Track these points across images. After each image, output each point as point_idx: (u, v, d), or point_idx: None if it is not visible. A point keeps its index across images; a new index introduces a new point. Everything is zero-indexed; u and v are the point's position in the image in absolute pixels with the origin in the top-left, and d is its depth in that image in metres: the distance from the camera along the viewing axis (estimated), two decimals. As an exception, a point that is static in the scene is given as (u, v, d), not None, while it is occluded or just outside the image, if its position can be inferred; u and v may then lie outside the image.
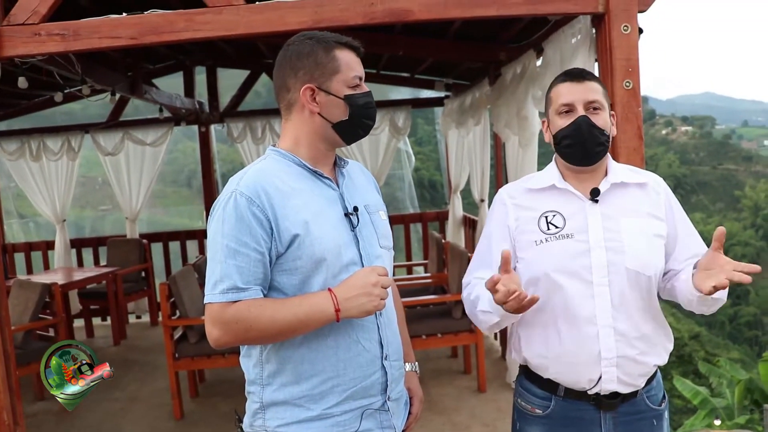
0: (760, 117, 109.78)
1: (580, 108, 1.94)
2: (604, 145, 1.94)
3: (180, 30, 3.02)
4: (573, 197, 1.97)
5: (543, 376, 2.01)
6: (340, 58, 1.74)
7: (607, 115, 1.96)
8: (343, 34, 1.80)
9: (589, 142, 1.93)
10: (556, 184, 1.99)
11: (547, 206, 1.98)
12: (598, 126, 1.93)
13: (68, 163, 7.64)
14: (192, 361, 4.84)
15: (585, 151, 1.94)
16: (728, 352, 29.19)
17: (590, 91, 1.94)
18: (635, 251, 1.91)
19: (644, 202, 1.98)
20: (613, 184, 1.97)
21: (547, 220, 1.96)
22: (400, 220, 8.02)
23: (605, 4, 2.99)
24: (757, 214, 51.64)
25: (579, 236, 1.92)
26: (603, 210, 1.94)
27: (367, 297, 1.64)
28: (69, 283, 6.31)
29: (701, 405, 10.08)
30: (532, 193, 2.02)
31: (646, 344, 1.94)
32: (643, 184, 2.00)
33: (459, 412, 4.65)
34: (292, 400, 1.72)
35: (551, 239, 1.94)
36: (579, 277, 1.91)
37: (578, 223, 1.94)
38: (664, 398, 2.06)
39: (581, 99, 1.94)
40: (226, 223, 1.65)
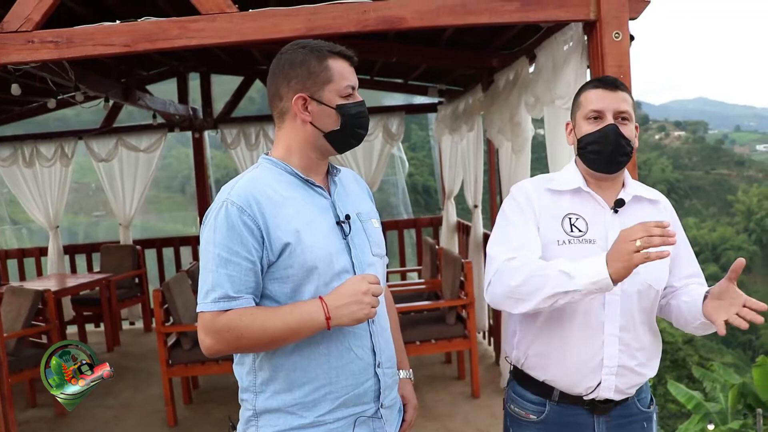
0: (752, 122, 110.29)
1: (610, 116, 1.94)
2: (629, 155, 1.96)
3: (173, 37, 3.03)
4: (595, 204, 1.98)
5: (539, 378, 2.01)
6: (332, 67, 1.74)
7: (633, 127, 1.98)
8: (337, 42, 1.81)
9: (615, 151, 1.93)
10: (582, 188, 1.98)
11: (570, 208, 1.97)
12: (625, 136, 1.94)
13: (61, 169, 7.62)
14: (186, 368, 4.83)
15: (610, 159, 1.94)
16: (722, 357, 29.29)
17: (621, 101, 1.95)
18: (650, 265, 1.87)
19: (655, 218, 1.96)
20: (636, 197, 2.00)
21: (570, 221, 1.95)
22: (394, 226, 8.03)
23: (597, 11, 3.01)
24: (750, 219, 51.86)
25: (600, 243, 1.92)
26: (622, 221, 1.94)
27: (357, 305, 1.65)
28: (62, 290, 6.29)
29: (695, 409, 10.12)
30: (553, 194, 2.00)
31: (645, 356, 1.97)
32: (655, 201, 2.03)
33: (453, 417, 4.65)
34: (285, 407, 1.72)
35: (574, 242, 1.93)
36: None
37: (599, 230, 1.94)
38: (652, 400, 2.09)
39: (612, 107, 1.94)
40: (217, 232, 1.65)
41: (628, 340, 1.93)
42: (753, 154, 72.74)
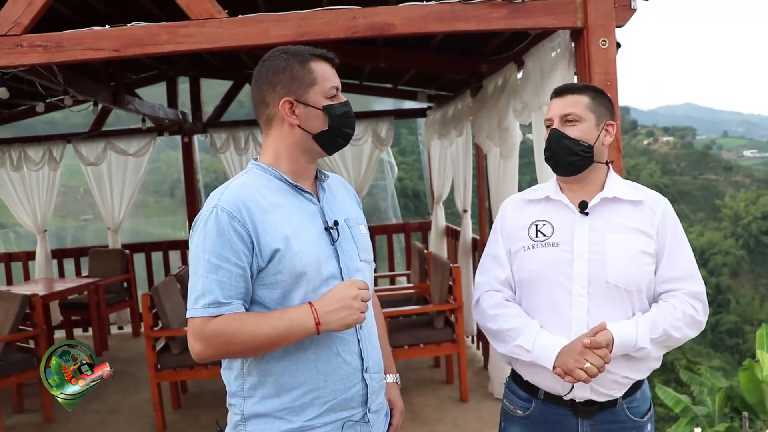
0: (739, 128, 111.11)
1: (557, 122, 2.02)
2: (579, 155, 1.98)
3: (163, 42, 3.04)
4: (565, 208, 2.03)
5: (524, 377, 2.07)
6: (315, 70, 1.76)
7: (590, 125, 2.00)
8: (326, 47, 1.83)
9: (559, 153, 2.00)
10: (551, 196, 2.06)
11: (539, 215, 2.06)
12: (570, 137, 1.98)
13: (49, 173, 7.59)
14: (174, 373, 4.82)
15: (557, 161, 2.02)
16: (710, 361, 29.41)
17: (567, 104, 2.01)
18: (617, 266, 1.94)
19: (635, 218, 2.00)
20: (605, 198, 2.01)
21: (536, 228, 2.04)
22: (383, 231, 8.04)
23: (584, 19, 3.04)
24: (737, 224, 52.20)
25: (565, 246, 1.98)
26: (592, 223, 1.99)
27: (347, 310, 1.66)
28: (50, 294, 6.26)
29: (683, 413, 10.15)
30: (529, 203, 2.11)
31: (623, 358, 1.95)
32: (638, 202, 2.02)
33: (442, 422, 4.66)
34: (273, 412, 1.73)
35: (537, 246, 2.01)
36: (559, 284, 1.97)
37: (566, 233, 2.00)
38: (648, 411, 2.08)
39: (558, 113, 2.02)
40: (207, 238, 1.66)
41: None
42: (740, 159, 73.23)
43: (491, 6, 3.04)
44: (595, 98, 2.03)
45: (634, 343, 1.90)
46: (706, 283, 1.96)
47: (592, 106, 2.01)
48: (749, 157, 76.84)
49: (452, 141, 6.53)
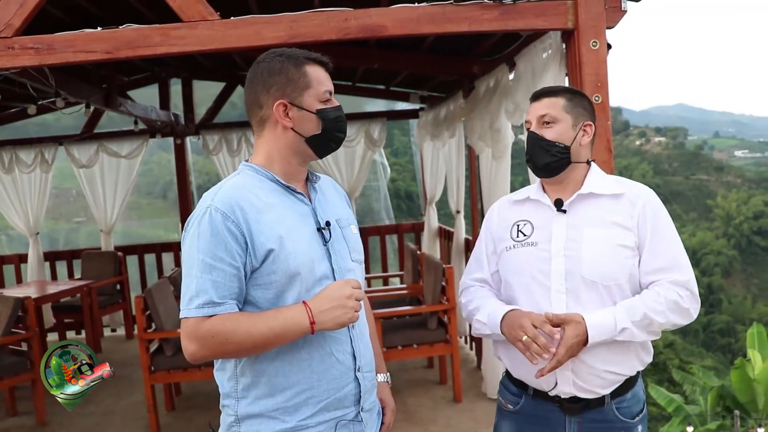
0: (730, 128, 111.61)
1: (534, 124, 2.07)
2: (556, 156, 2.02)
3: (155, 44, 3.04)
4: (545, 207, 2.07)
5: (513, 374, 2.11)
6: (310, 73, 1.77)
7: (566, 126, 2.03)
8: (318, 49, 1.85)
9: (536, 155, 2.05)
10: (531, 196, 2.11)
11: (521, 216, 2.11)
12: (546, 139, 2.02)
13: (41, 175, 7.57)
14: (168, 374, 4.81)
15: (535, 163, 2.07)
16: (702, 360, 29.53)
17: (543, 107, 2.05)
18: (593, 261, 1.96)
19: (613, 212, 2.01)
20: (581, 194, 2.03)
21: (518, 228, 2.09)
22: (376, 232, 8.05)
23: (574, 20, 3.06)
24: (729, 224, 52.41)
25: (543, 245, 2.02)
26: (569, 220, 2.02)
27: (341, 309, 1.68)
28: (42, 297, 6.24)
29: (675, 412, 10.19)
30: (514, 204, 2.17)
31: (609, 352, 1.96)
32: (617, 195, 2.03)
33: (435, 422, 4.68)
34: (267, 412, 1.74)
35: (518, 246, 2.06)
36: (539, 282, 2.00)
37: (545, 231, 2.04)
38: (640, 412, 2.07)
39: (534, 116, 2.07)
40: (201, 238, 1.67)
41: None
42: (732, 159, 73.55)
43: (483, 7, 3.06)
44: (572, 100, 2.06)
45: (614, 325, 1.90)
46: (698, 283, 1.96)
47: (569, 107, 2.04)
48: (740, 157, 77.20)
49: (445, 142, 6.55)
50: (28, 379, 5.05)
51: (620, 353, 1.98)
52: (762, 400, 9.46)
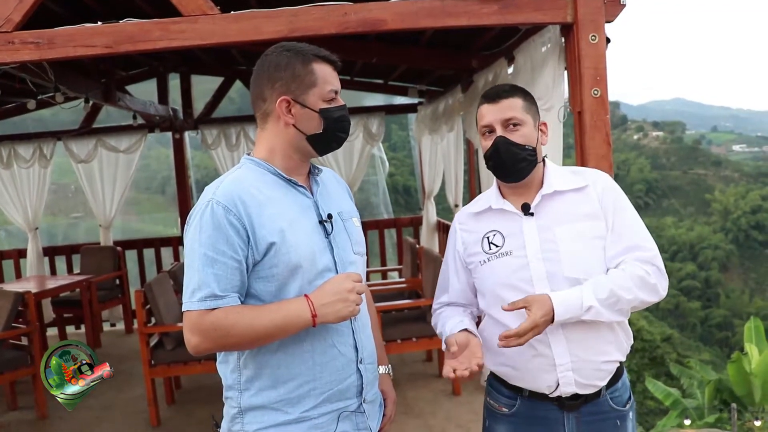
0: (728, 122, 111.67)
1: (499, 128, 1.99)
2: (527, 159, 1.98)
3: (155, 39, 3.04)
4: (510, 215, 2.03)
5: (509, 382, 2.08)
6: (317, 71, 1.77)
7: (530, 128, 1.99)
8: (318, 43, 1.84)
9: (508, 160, 1.98)
10: (492, 206, 2.06)
11: (488, 227, 2.06)
12: (517, 143, 1.97)
13: (40, 170, 7.56)
14: (168, 368, 4.83)
15: (506, 169, 2.00)
16: (699, 354, 29.61)
17: (505, 109, 1.99)
18: (572, 258, 1.95)
19: (581, 205, 2.00)
20: (545, 195, 2.01)
21: (488, 240, 2.04)
22: (375, 226, 8.06)
23: (573, 14, 3.07)
24: (727, 218, 52.50)
25: (518, 252, 1.99)
26: (539, 222, 1.99)
27: (343, 303, 1.68)
28: (42, 292, 6.25)
29: (673, 406, 10.25)
30: (475, 217, 2.11)
31: (602, 344, 1.97)
32: (580, 189, 2.02)
33: (434, 415, 4.70)
34: (270, 404, 1.75)
35: (492, 258, 2.02)
36: (522, 290, 1.96)
37: (517, 238, 2.00)
38: (629, 399, 2.10)
39: (498, 119, 1.99)
40: (203, 231, 1.67)
41: (576, 333, 1.95)
42: (729, 154, 73.64)
43: (482, 2, 3.06)
44: (526, 99, 2.02)
45: (580, 303, 1.87)
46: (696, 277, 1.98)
47: (526, 107, 2.00)
48: (738, 151, 77.29)
49: (443, 136, 6.56)
50: (28, 373, 5.06)
51: (609, 341, 1.99)
52: (759, 393, 9.51)
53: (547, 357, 1.96)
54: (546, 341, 1.95)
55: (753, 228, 51.10)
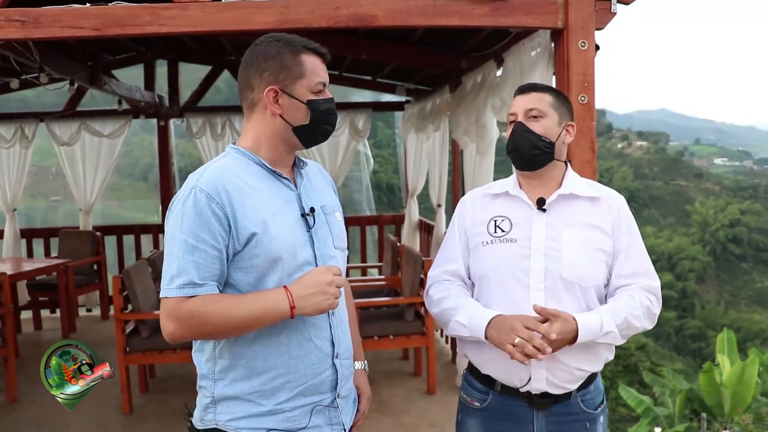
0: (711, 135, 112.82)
1: (521, 116, 2.06)
2: (541, 149, 2.03)
3: (144, 24, 3.01)
4: (523, 204, 2.07)
5: (481, 371, 2.10)
6: (306, 62, 1.76)
7: (552, 122, 2.04)
8: (308, 36, 1.83)
9: (522, 146, 2.04)
10: (509, 191, 2.10)
11: (498, 211, 2.09)
12: (533, 131, 2.03)
13: (21, 151, 7.47)
14: (143, 356, 4.80)
15: (520, 154, 2.05)
16: (673, 363, 29.92)
17: (532, 100, 2.06)
18: (572, 262, 1.98)
19: (592, 215, 2.04)
20: (562, 195, 2.05)
21: (495, 223, 2.07)
22: (357, 222, 8.05)
23: (564, 20, 3.08)
24: (705, 230, 53.03)
25: (522, 242, 2.02)
26: (549, 219, 2.03)
27: (322, 295, 1.68)
28: (18, 274, 6.18)
29: (644, 413, 10.34)
30: (489, 198, 2.14)
31: (581, 351, 1.99)
32: (595, 198, 2.06)
33: (408, 413, 4.71)
34: (243, 395, 1.75)
35: (496, 242, 2.05)
36: (517, 279, 2.00)
37: (524, 229, 2.04)
38: (601, 403, 2.12)
39: (522, 108, 2.06)
40: (185, 218, 1.67)
41: None
42: (711, 167, 74.39)
43: (473, 2, 3.07)
44: (557, 98, 2.08)
45: (600, 327, 1.92)
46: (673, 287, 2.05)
47: (555, 104, 2.06)
48: (720, 165, 78.11)
49: (429, 135, 6.57)
50: (0, 356, 5.00)
51: (591, 352, 2.02)
52: (728, 405, 9.62)
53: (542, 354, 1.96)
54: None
55: (730, 241, 51.67)
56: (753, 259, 51.73)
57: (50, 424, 4.59)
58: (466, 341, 2.09)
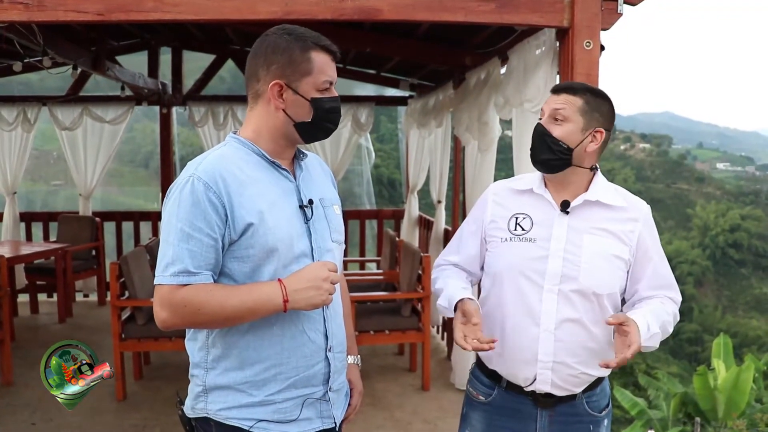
0: (714, 140, 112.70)
1: (546, 117, 2.02)
2: (556, 154, 1.97)
3: (149, 10, 3.00)
4: (547, 204, 2.04)
5: (488, 366, 2.10)
6: (314, 59, 1.74)
7: (575, 128, 1.97)
8: (312, 28, 1.82)
9: (537, 148, 2.01)
10: (534, 189, 2.06)
11: (520, 208, 2.06)
12: (551, 134, 1.98)
13: (23, 134, 7.46)
14: (138, 343, 4.80)
15: (534, 155, 2.02)
16: (668, 367, 29.93)
17: (561, 102, 1.99)
18: (590, 268, 1.96)
19: (615, 223, 2.01)
20: (587, 200, 2.01)
21: (516, 221, 2.05)
22: (356, 216, 8.05)
23: (570, 19, 3.07)
24: (706, 235, 52.98)
25: (542, 242, 1.99)
26: (571, 222, 2.00)
27: (315, 290, 1.68)
28: (16, 257, 6.17)
29: (638, 416, 10.34)
30: (513, 193, 2.11)
31: (589, 355, 1.99)
32: (620, 208, 2.03)
33: (402, 408, 4.71)
34: (235, 385, 1.74)
35: (515, 239, 2.03)
36: (532, 280, 1.99)
37: (545, 229, 2.01)
38: (607, 406, 2.12)
39: (550, 108, 2.01)
40: (181, 206, 1.66)
41: (568, 338, 1.97)
42: (713, 171, 74.29)
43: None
44: (591, 102, 1.99)
45: (647, 329, 1.89)
46: None
47: (585, 110, 1.98)
48: (722, 169, 77.99)
49: (431, 131, 6.55)
50: (-5, 338, 5.01)
51: (596, 355, 2.00)
52: (722, 409, 9.63)
53: (532, 350, 1.98)
54: (536, 336, 1.97)
55: (730, 246, 51.62)
56: (752, 265, 51.72)
57: (44, 408, 4.59)
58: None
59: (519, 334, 2.00)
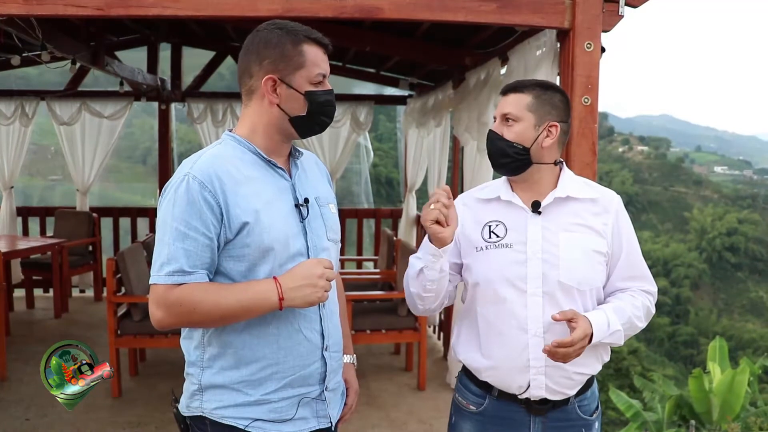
0: (712, 143, 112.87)
1: (498, 121, 2.01)
2: (512, 156, 1.96)
3: (148, 5, 2.98)
4: (517, 208, 2.01)
5: (479, 377, 2.06)
6: (306, 53, 1.74)
7: (526, 127, 1.95)
8: (312, 26, 1.81)
9: (494, 154, 2.00)
10: (501, 196, 2.03)
11: (492, 216, 2.03)
12: (504, 138, 1.97)
13: (20, 128, 7.44)
14: (134, 339, 4.79)
15: (493, 160, 2.02)
16: (664, 369, 29.98)
17: (507, 104, 1.98)
18: (569, 266, 1.94)
19: (588, 217, 1.99)
20: (558, 198, 1.99)
21: (489, 229, 2.01)
22: (354, 215, 8.04)
23: (571, 20, 3.06)
24: (702, 238, 53.10)
25: (518, 246, 1.97)
26: (544, 222, 1.98)
27: (311, 288, 1.66)
28: (12, 252, 6.16)
29: (633, 418, 10.34)
30: (482, 203, 2.07)
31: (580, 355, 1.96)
32: (593, 200, 2.01)
33: (397, 408, 4.70)
34: (230, 384, 1.73)
35: (491, 247, 1.99)
36: (514, 286, 1.96)
37: (519, 233, 1.98)
38: (596, 409, 2.11)
39: (499, 112, 2.00)
40: (176, 205, 1.65)
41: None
42: (711, 175, 74.45)
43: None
44: (540, 97, 1.96)
45: (607, 326, 1.90)
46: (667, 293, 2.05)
47: (534, 105, 1.95)
48: (719, 173, 78.18)
49: (430, 131, 6.54)
50: (-10, 332, 4.99)
51: (588, 355, 1.98)
52: (717, 412, 9.64)
53: (523, 358, 1.96)
54: (525, 343, 1.95)
55: (727, 249, 51.74)
56: (748, 269, 51.84)
57: (38, 404, 4.58)
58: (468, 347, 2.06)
59: (507, 343, 1.97)
